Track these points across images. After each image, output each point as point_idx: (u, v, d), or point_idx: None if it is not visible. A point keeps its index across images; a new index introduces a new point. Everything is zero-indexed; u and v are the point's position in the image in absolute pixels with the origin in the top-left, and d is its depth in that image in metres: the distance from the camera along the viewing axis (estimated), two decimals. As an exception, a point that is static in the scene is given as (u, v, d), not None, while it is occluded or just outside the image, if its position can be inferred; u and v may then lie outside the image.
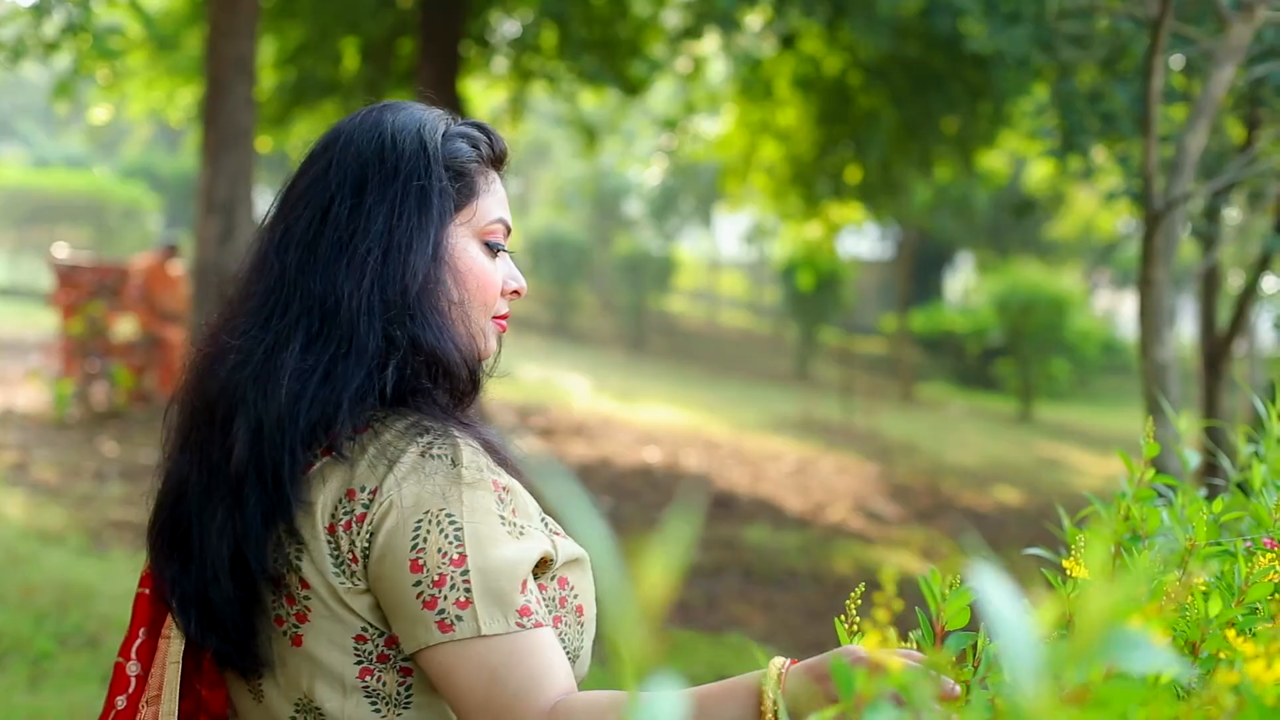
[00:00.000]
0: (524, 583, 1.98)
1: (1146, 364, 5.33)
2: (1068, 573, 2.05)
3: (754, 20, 16.01)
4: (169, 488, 2.18)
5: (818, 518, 13.28)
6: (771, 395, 26.25)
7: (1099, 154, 10.16)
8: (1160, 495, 2.57)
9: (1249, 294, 10.12)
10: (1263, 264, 10.22)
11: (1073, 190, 23.91)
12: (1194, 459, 2.89)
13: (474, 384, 2.23)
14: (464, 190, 2.22)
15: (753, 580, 10.26)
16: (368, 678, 2.04)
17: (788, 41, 15.39)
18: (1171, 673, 1.12)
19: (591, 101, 21.86)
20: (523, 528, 2.03)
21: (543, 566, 2.08)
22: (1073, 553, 2.14)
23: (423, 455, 2.00)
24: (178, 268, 15.48)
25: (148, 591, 2.26)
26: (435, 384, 2.14)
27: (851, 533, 12.66)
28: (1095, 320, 33.30)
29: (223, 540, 2.05)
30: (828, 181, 18.99)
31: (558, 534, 2.18)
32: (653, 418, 19.83)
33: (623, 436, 17.08)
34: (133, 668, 2.23)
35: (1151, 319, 5.30)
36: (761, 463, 16.46)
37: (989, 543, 11.41)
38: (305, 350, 2.06)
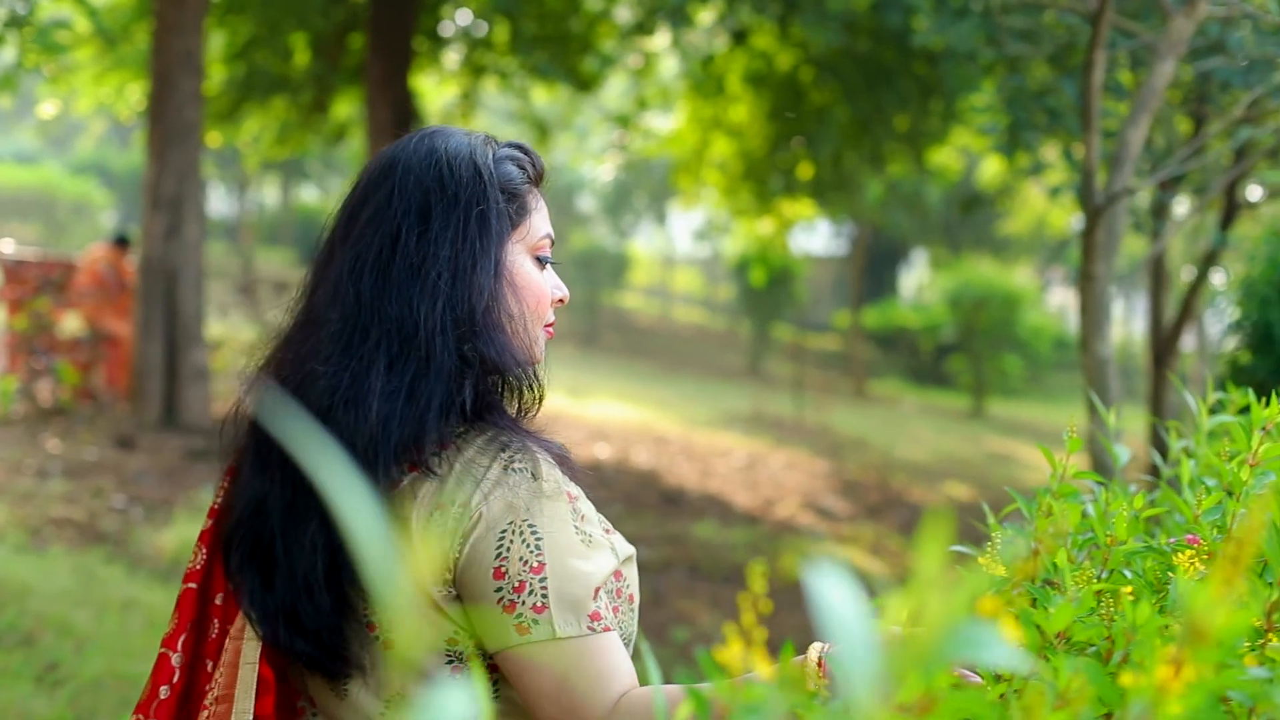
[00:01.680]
0: (596, 590, 2.14)
1: (1087, 359, 5.31)
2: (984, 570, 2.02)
3: (706, 16, 15.99)
4: (245, 503, 2.25)
5: (767, 514, 13.27)
6: (724, 391, 26.25)
7: (1048, 150, 10.18)
8: (1093, 492, 2.55)
9: (1195, 290, 10.15)
10: (1209, 259, 10.25)
11: (1025, 187, 23.97)
12: (1125, 454, 2.86)
13: (536, 393, 2.36)
14: (518, 210, 2.36)
15: (699, 576, 10.23)
16: (458, 675, 2.19)
17: (739, 37, 15.37)
18: (1019, 669, 1.09)
19: (544, 97, 21.82)
20: (591, 535, 2.19)
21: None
22: (989, 550, 2.11)
23: (505, 470, 2.14)
24: (130, 261, 15.35)
25: (195, 587, 2.39)
26: (503, 397, 2.30)
27: (800, 529, 12.64)
28: (1048, 316, 33.40)
29: (316, 555, 2.15)
30: (780, 177, 19.00)
31: (610, 532, 2.32)
32: (604, 414, 19.79)
33: (573, 433, 17.02)
34: (176, 659, 2.36)
35: (1092, 314, 5.28)
36: (711, 459, 16.45)
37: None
38: (389, 372, 2.16)
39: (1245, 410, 3.16)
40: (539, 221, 2.39)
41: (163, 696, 2.34)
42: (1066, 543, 2.27)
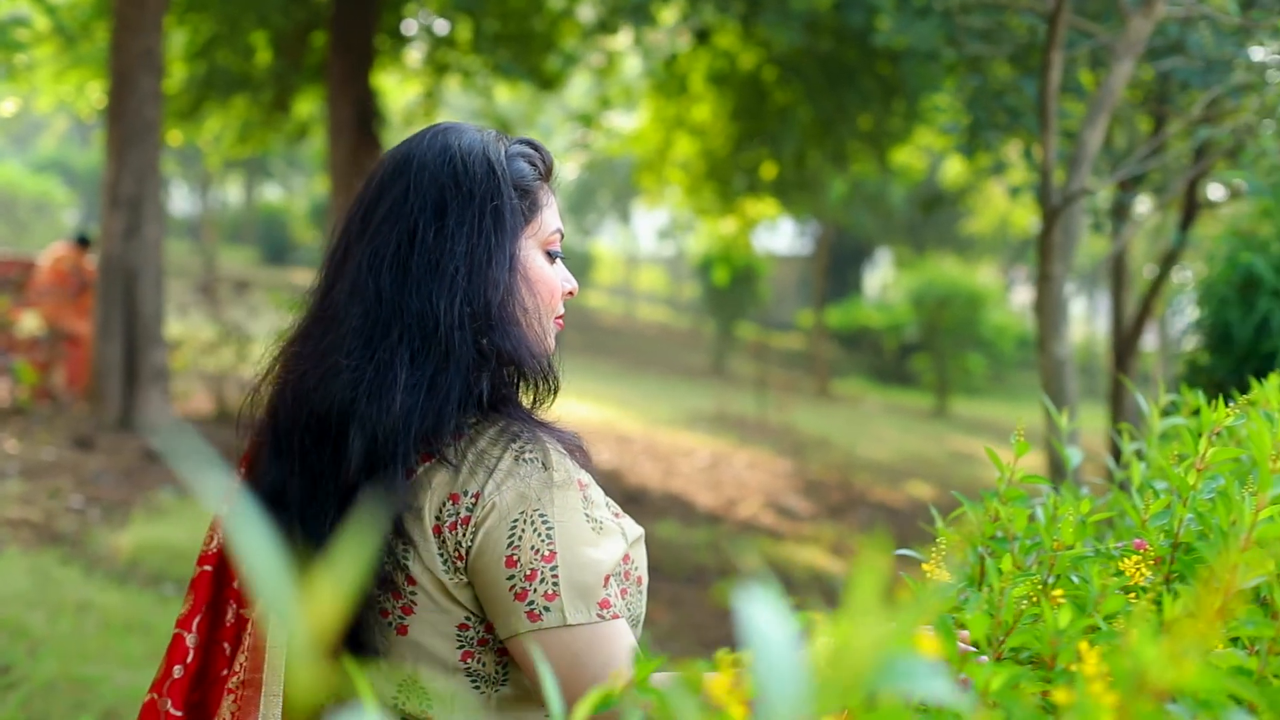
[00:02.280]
0: (607, 578, 2.18)
1: (1044, 359, 5.30)
2: (928, 574, 2.01)
3: (669, 15, 15.97)
4: (264, 490, 2.32)
5: (729, 513, 13.25)
6: (687, 390, 26.24)
7: (1010, 150, 10.17)
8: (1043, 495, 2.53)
9: (1154, 290, 10.16)
10: (1169, 259, 10.26)
11: (989, 186, 24.02)
12: (1076, 457, 2.85)
13: (550, 384, 2.40)
14: (530, 206, 2.41)
15: (660, 577, 10.19)
16: (469, 660, 2.25)
17: (702, 36, 15.35)
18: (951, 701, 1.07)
19: (507, 96, 21.78)
20: (602, 522, 2.23)
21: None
22: (935, 554, 2.10)
23: (516, 460, 2.19)
24: (90, 261, 15.27)
25: (210, 570, 2.44)
26: (518, 389, 2.35)
27: (762, 528, 12.63)
28: (1011, 315, 33.44)
29: (332, 543, 2.23)
30: (743, 177, 18.98)
31: (619, 515, 2.36)
32: (566, 413, 19.64)
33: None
34: (191, 639, 2.39)
35: (1049, 314, 5.28)
36: (674, 458, 16.43)
37: (897, 538, 11.40)
38: (412, 365, 2.22)
39: (1198, 412, 3.14)
40: (550, 216, 2.44)
41: (176, 675, 2.37)
42: (1013, 547, 2.25)
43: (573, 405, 20.80)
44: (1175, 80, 8.16)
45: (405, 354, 2.22)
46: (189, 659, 2.38)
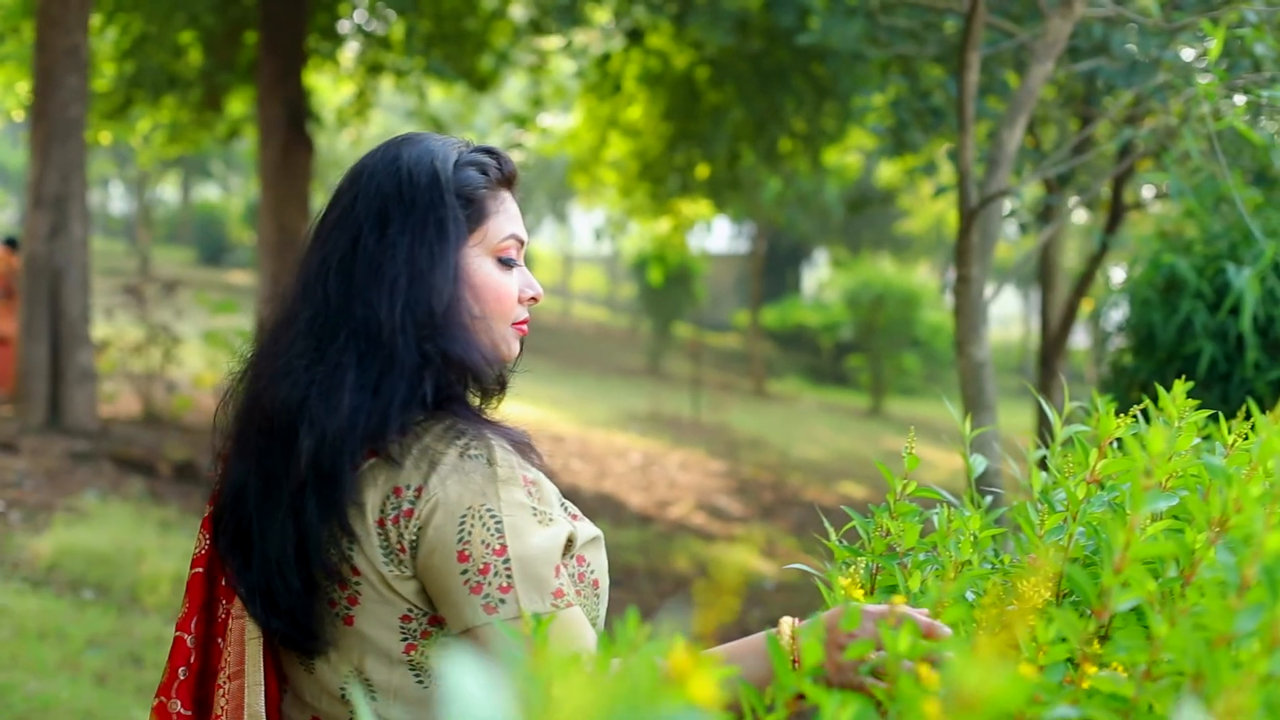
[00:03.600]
0: (557, 568, 2.24)
1: (962, 362, 5.26)
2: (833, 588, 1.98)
3: (602, 15, 15.92)
4: (228, 489, 2.44)
5: (660, 514, 13.22)
6: (622, 391, 26.19)
7: (940, 150, 10.16)
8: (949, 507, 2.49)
9: (1079, 291, 10.17)
10: (1095, 260, 10.28)
11: (924, 186, 24.03)
12: (981, 465, 2.81)
13: (500, 385, 2.49)
14: (475, 215, 2.45)
15: (588, 580, 10.13)
16: (412, 652, 2.31)
17: (635, 36, 15.30)
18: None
19: (442, 96, 21.69)
20: (551, 515, 2.28)
21: (567, 547, 2.33)
22: (837, 569, 2.06)
23: (461, 456, 2.24)
24: (19, 261, 15.11)
25: (201, 571, 2.54)
26: (466, 389, 2.41)
27: (692, 529, 12.61)
28: (947, 315, 33.51)
29: (285, 539, 2.30)
30: (676, 177, 18.95)
31: (576, 517, 2.44)
32: (499, 414, 19.63)
33: (467, 434, 16.90)
34: (190, 640, 2.52)
35: (968, 317, 5.24)
36: (607, 459, 16.39)
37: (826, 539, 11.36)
38: (359, 368, 2.30)
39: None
40: (501, 224, 2.48)
41: (181, 678, 2.49)
42: (905, 562, 2.21)
43: (507, 405, 20.72)
44: (1101, 81, 8.17)
45: (353, 356, 2.30)
46: (191, 659, 2.50)
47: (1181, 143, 6.13)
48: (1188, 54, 6.73)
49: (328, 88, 20.47)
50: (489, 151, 2.53)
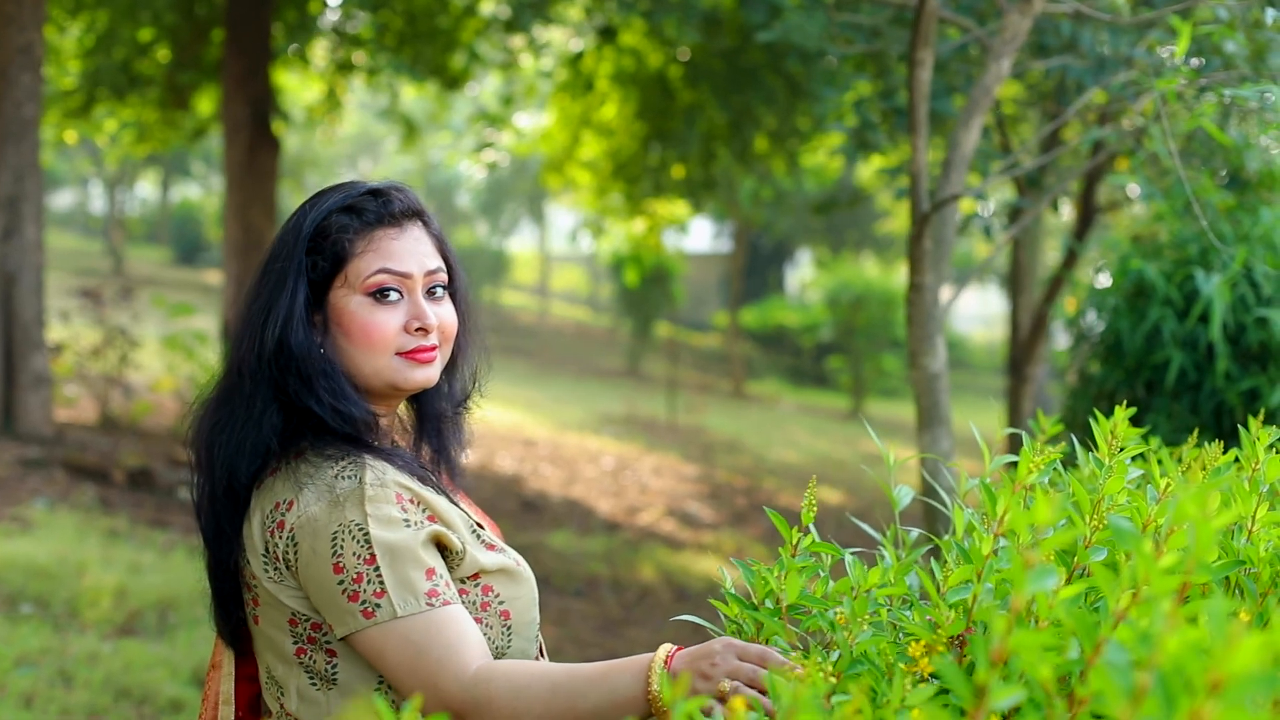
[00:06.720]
0: (429, 570, 2.43)
1: (916, 375, 5.02)
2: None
3: (575, 12, 15.74)
4: (195, 503, 2.74)
5: (628, 521, 13.00)
6: (599, 392, 25.96)
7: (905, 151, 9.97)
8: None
9: (1049, 296, 9.99)
10: (1066, 264, 10.08)
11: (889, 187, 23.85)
12: (906, 497, 2.58)
13: (373, 415, 2.69)
14: (335, 260, 2.63)
15: (549, 589, 9.89)
16: (303, 655, 2.55)
17: (608, 34, 15.08)
18: None
19: (414, 94, 21.52)
20: (422, 524, 2.49)
21: (449, 556, 2.54)
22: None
23: (336, 476, 2.50)
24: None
25: None
26: (337, 425, 2.60)
27: (661, 537, 12.38)
28: (928, 316, 33.35)
29: (215, 548, 2.65)
30: (650, 177, 18.73)
31: (491, 547, 2.65)
32: (471, 417, 19.42)
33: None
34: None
35: (921, 326, 5.00)
36: (578, 463, 16.17)
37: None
38: (247, 404, 2.60)
39: (1054, 440, 2.83)
40: (367, 262, 2.62)
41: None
42: (797, 624, 1.97)
43: (479, 409, 20.48)
44: (1070, 79, 7.96)
45: (243, 393, 2.60)
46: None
47: (1150, 143, 5.93)
48: (1164, 52, 6.53)
49: (298, 86, 20.25)
50: (374, 192, 2.69)
